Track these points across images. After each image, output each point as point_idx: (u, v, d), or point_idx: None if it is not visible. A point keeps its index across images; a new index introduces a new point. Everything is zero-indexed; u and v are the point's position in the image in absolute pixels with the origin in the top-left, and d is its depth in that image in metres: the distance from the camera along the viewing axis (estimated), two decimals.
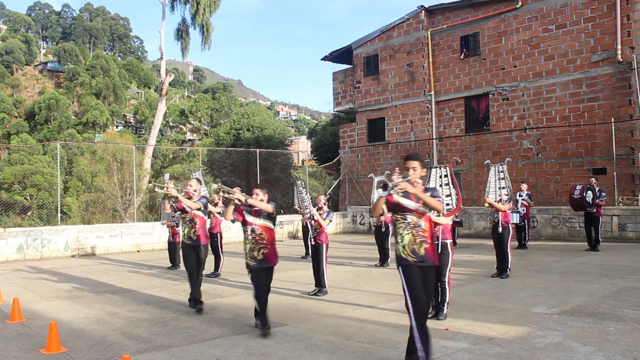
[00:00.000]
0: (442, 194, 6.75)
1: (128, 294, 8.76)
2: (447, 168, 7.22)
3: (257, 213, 5.96)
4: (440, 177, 7.00)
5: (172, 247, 12.31)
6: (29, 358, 5.24)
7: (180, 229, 11.08)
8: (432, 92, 21.53)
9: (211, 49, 75.58)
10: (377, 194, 4.31)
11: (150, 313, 7.20)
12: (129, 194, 21.82)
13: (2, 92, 62.26)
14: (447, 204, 6.68)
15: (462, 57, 20.85)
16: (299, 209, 15.16)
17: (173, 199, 7.42)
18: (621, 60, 16.65)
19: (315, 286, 8.42)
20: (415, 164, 4.66)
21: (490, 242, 9.98)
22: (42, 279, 10.77)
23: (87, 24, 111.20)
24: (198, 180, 7.66)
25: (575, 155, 17.82)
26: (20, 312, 6.93)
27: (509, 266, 9.41)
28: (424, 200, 4.50)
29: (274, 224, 6.09)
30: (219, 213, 11.18)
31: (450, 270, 6.59)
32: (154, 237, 17.06)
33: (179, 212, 7.55)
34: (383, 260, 11.48)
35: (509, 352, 4.95)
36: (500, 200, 9.66)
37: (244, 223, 6.01)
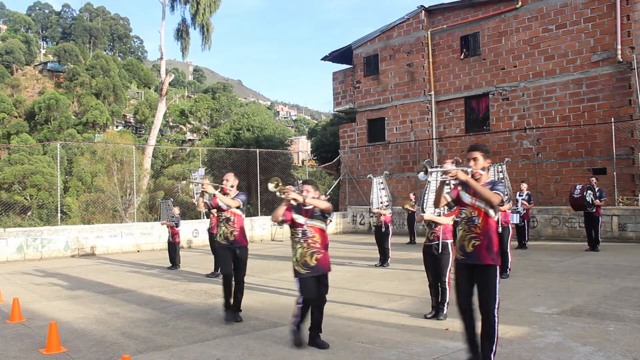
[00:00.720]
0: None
1: (128, 294, 8.76)
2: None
3: (309, 213, 5.29)
4: (441, 177, 6.99)
5: (172, 247, 12.31)
6: (29, 358, 5.24)
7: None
8: (432, 92, 21.52)
9: (211, 49, 75.62)
10: (425, 178, 4.07)
11: (150, 313, 7.20)
12: (129, 194, 21.82)
13: (2, 92, 62.27)
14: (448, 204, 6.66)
15: (462, 57, 20.85)
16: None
17: (208, 196, 6.79)
18: (621, 60, 16.64)
19: None
20: (476, 154, 4.46)
21: None
22: (42, 279, 10.77)
23: (87, 24, 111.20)
24: (234, 174, 7.02)
25: (575, 155, 17.82)
26: (20, 312, 6.93)
27: (509, 266, 9.41)
28: (476, 190, 4.29)
29: (326, 225, 5.43)
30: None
31: (450, 270, 6.59)
32: (154, 237, 17.06)
33: (214, 210, 6.89)
34: (383, 260, 11.48)
35: (509, 352, 4.95)
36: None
37: (293, 225, 5.31)
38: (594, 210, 12.93)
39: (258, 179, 21.45)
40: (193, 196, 12.65)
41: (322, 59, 26.01)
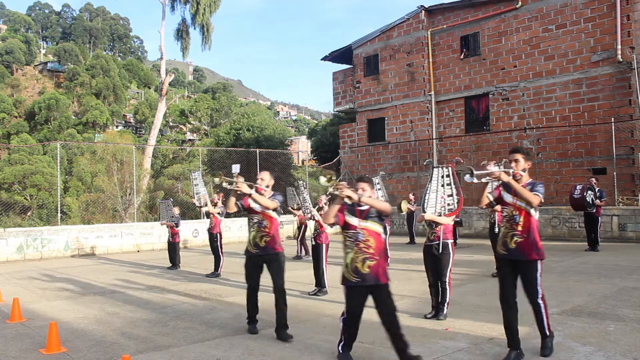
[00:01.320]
0: (444, 194, 6.73)
1: (128, 294, 8.76)
2: (449, 168, 7.21)
3: (364, 214, 4.64)
4: (442, 177, 6.98)
5: (172, 247, 12.32)
6: (29, 358, 5.24)
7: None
8: (432, 92, 21.52)
9: (211, 49, 75.61)
10: (467, 179, 4.22)
11: (150, 313, 7.20)
12: (129, 194, 21.81)
13: (2, 92, 62.26)
14: (449, 204, 6.66)
15: (462, 57, 20.85)
16: (292, 210, 15.12)
17: (239, 195, 5.96)
18: (621, 60, 16.65)
19: (315, 286, 8.42)
20: (517, 156, 4.72)
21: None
22: (42, 279, 10.77)
23: (87, 24, 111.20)
24: (270, 173, 6.27)
25: (575, 155, 17.82)
26: (20, 312, 6.93)
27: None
28: (517, 191, 4.57)
29: (386, 230, 4.79)
30: (218, 213, 11.19)
31: (451, 270, 6.59)
32: (154, 237, 17.06)
33: (245, 212, 6.13)
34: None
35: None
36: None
37: (345, 227, 4.68)
38: (594, 210, 12.93)
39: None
40: (193, 196, 12.62)
41: (322, 59, 26.01)
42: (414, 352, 5.09)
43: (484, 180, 4.64)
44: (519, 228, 4.64)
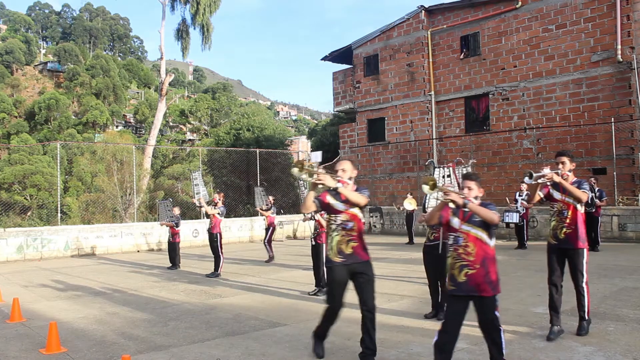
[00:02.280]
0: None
1: (128, 294, 8.76)
2: (450, 168, 7.21)
3: (467, 217, 4.20)
4: (443, 177, 6.99)
5: (172, 247, 12.32)
6: (29, 358, 5.24)
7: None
8: (432, 92, 21.52)
9: (211, 49, 75.63)
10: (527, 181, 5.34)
11: (150, 313, 7.20)
12: (129, 194, 21.82)
13: (2, 92, 62.27)
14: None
15: (462, 57, 20.84)
16: (260, 210, 14.36)
17: (320, 189, 4.89)
18: (621, 60, 16.64)
19: (315, 286, 8.42)
20: (563, 159, 5.38)
21: None
22: (42, 279, 10.77)
23: (87, 24, 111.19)
24: (352, 162, 5.21)
25: (575, 155, 17.78)
26: (20, 312, 6.93)
27: None
28: (566, 188, 5.28)
29: (492, 236, 4.19)
30: (218, 214, 11.18)
31: None
32: (154, 237, 17.06)
33: (322, 210, 5.15)
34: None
35: (509, 352, 4.94)
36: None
37: (448, 228, 4.39)
38: (594, 210, 12.93)
39: (258, 179, 21.45)
40: (193, 196, 12.61)
41: (322, 59, 26.01)
42: (413, 351, 5.10)
43: (539, 181, 5.31)
44: (567, 221, 5.35)
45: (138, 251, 16.52)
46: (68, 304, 7.98)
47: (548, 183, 5.43)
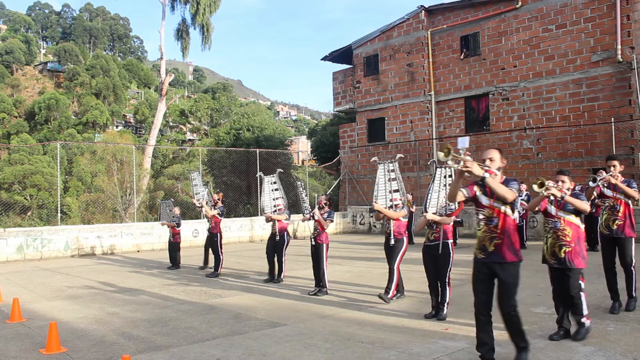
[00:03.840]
0: (445, 194, 6.77)
1: (128, 294, 8.76)
2: (451, 168, 7.20)
3: (561, 205, 5.42)
4: (445, 177, 6.99)
5: (172, 247, 12.33)
6: (29, 358, 5.24)
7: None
8: (432, 92, 21.52)
9: (211, 49, 75.59)
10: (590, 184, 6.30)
11: (150, 313, 7.20)
12: (129, 194, 21.83)
13: (2, 92, 62.24)
14: (450, 205, 6.67)
15: (462, 57, 20.84)
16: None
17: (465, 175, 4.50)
18: (621, 60, 16.64)
19: (315, 286, 8.42)
20: (614, 162, 6.32)
21: None
22: (42, 279, 10.77)
23: (87, 24, 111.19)
24: (501, 151, 4.96)
25: (575, 155, 17.82)
26: (20, 312, 6.93)
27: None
28: (619, 187, 6.26)
29: (582, 221, 5.48)
30: (218, 214, 11.20)
31: (450, 270, 6.59)
32: (154, 237, 17.06)
33: (471, 203, 4.80)
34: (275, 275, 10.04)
35: (509, 352, 4.94)
36: (393, 206, 7.59)
37: (545, 214, 5.56)
38: (594, 210, 12.91)
39: (258, 179, 21.45)
40: (193, 196, 12.62)
41: (322, 59, 26.01)
42: (413, 351, 5.10)
43: (599, 183, 6.23)
44: (619, 214, 6.33)
45: (138, 251, 16.52)
46: (68, 304, 7.98)
47: (600, 184, 6.37)
